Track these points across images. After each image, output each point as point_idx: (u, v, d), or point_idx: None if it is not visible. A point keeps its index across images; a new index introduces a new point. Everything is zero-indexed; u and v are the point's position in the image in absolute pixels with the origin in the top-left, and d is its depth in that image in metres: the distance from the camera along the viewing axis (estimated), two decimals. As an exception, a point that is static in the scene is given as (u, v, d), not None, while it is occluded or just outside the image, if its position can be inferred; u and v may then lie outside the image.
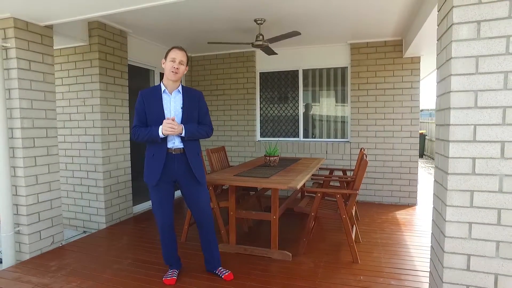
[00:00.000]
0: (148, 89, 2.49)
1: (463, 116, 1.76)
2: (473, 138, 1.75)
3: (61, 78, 3.95)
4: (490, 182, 1.74)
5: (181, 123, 2.40)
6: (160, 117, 2.38)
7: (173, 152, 2.42)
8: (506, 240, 1.72)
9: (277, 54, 4.31)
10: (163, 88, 2.43)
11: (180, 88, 2.47)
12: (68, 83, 3.94)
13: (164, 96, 2.42)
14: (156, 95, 2.41)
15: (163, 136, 2.35)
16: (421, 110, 15.13)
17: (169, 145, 2.41)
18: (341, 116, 5.22)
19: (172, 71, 2.36)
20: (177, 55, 2.37)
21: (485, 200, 1.75)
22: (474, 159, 1.76)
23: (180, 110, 2.43)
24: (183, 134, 2.37)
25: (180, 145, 2.43)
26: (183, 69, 2.41)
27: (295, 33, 3.49)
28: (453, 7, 1.72)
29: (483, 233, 1.77)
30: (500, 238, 1.74)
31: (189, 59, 2.49)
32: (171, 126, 2.29)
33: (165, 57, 2.41)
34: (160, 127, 2.33)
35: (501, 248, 1.74)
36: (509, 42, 1.64)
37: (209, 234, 2.60)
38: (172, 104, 2.43)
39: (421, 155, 11.36)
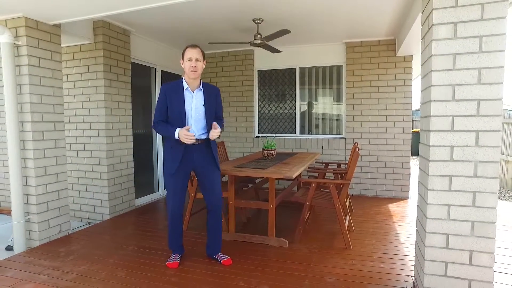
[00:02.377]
0: (170, 84, 2.64)
1: (442, 108, 1.94)
2: (451, 128, 1.94)
3: (67, 75, 4.11)
4: (466, 167, 1.92)
5: (204, 119, 2.62)
6: (181, 113, 2.56)
7: (195, 143, 2.57)
8: (480, 220, 1.91)
9: (281, 51, 4.50)
10: (185, 86, 2.59)
11: (201, 86, 2.65)
12: (73, 80, 4.09)
13: (187, 93, 2.59)
14: (178, 91, 2.57)
15: (177, 138, 2.51)
16: (418, 110, 15.33)
17: None
18: (337, 113, 5.40)
19: (192, 70, 2.53)
20: (193, 54, 2.53)
21: (462, 184, 1.94)
22: (452, 147, 1.94)
23: (203, 108, 2.62)
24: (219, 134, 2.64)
25: (203, 136, 2.64)
26: (200, 65, 2.58)
27: (286, 31, 3.66)
28: (433, 9, 1.90)
29: (460, 214, 1.95)
30: (474, 218, 1.92)
31: (204, 55, 2.65)
32: (188, 138, 2.47)
33: (182, 57, 2.58)
34: (177, 130, 2.49)
35: (475, 227, 1.92)
36: (481, 41, 1.82)
37: (218, 218, 2.78)
38: (194, 102, 2.60)
39: (416, 153, 11.53)
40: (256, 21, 3.94)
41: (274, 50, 4.30)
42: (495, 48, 1.81)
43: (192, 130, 2.59)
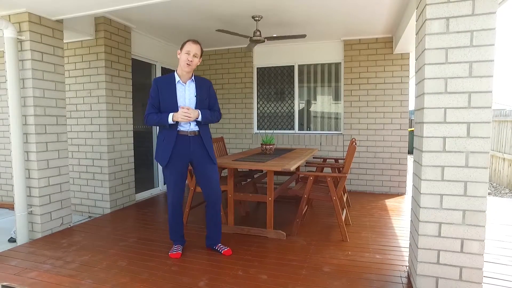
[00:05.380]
0: (162, 77, 2.71)
1: (435, 100, 2.01)
2: (443, 120, 2.00)
3: (68, 70, 4.16)
4: (458, 158, 1.99)
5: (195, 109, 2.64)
6: (173, 105, 2.60)
7: (189, 135, 2.65)
8: (471, 208, 1.98)
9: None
10: (177, 78, 2.65)
11: (193, 77, 2.70)
12: (75, 75, 4.15)
13: (179, 86, 2.65)
14: (170, 84, 2.63)
15: (172, 123, 2.57)
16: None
17: (185, 128, 2.65)
18: (335, 110, 5.47)
19: (187, 63, 2.58)
20: (192, 48, 2.59)
21: (453, 174, 2.00)
22: (444, 138, 2.01)
23: (194, 98, 2.67)
24: (199, 119, 2.62)
25: (195, 128, 2.68)
26: (196, 61, 2.63)
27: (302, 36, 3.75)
28: (426, 4, 1.96)
29: (452, 203, 2.02)
30: (466, 207, 1.99)
31: (202, 52, 2.70)
32: (187, 114, 2.52)
33: (181, 49, 2.62)
34: (171, 114, 2.55)
35: (466, 216, 1.99)
36: (472, 36, 1.89)
37: (216, 212, 2.83)
38: (187, 93, 2.66)
39: (412, 151, 11.59)
40: (256, 18, 4.00)
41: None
42: (485, 43, 1.88)
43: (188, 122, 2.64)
